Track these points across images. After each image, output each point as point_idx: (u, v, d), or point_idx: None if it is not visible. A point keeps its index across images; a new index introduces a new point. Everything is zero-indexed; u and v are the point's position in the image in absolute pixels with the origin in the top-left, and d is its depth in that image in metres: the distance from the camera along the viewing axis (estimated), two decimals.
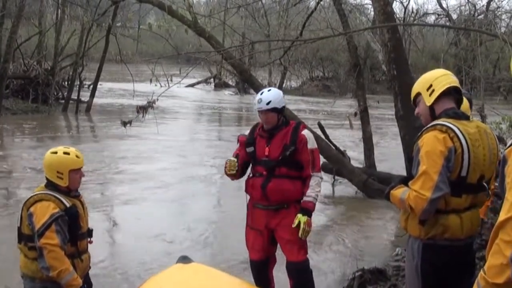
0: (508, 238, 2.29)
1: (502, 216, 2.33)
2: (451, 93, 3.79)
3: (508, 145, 2.46)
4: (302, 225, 5.15)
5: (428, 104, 3.81)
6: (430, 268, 3.70)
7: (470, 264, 3.89)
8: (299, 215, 5.18)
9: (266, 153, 5.30)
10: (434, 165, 3.51)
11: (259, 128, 5.45)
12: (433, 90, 3.79)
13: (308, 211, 5.23)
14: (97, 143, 17.00)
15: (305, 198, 5.27)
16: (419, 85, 3.91)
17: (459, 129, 3.58)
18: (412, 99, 3.99)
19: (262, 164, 5.32)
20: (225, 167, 5.44)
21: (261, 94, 5.35)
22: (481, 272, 2.44)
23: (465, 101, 4.36)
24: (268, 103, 5.24)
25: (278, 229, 5.35)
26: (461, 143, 3.55)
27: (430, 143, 3.56)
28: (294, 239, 5.28)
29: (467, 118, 3.77)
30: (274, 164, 5.27)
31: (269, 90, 5.42)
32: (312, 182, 5.29)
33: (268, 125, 5.34)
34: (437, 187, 3.50)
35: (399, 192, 3.72)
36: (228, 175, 5.50)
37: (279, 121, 5.36)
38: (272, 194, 5.26)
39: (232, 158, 5.43)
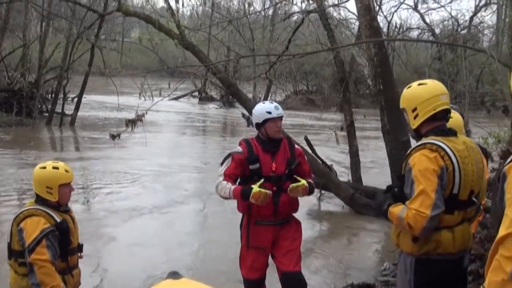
0: (508, 253, 2.30)
1: (502, 231, 2.34)
2: (437, 116, 3.75)
3: (507, 161, 2.48)
4: (300, 183, 5.16)
5: (413, 127, 3.82)
6: (423, 283, 3.71)
7: (462, 277, 3.91)
8: (303, 181, 5.19)
9: (273, 169, 5.27)
10: (430, 184, 3.52)
11: (256, 143, 5.38)
12: (417, 114, 3.76)
13: (311, 185, 5.28)
14: (82, 156, 16.88)
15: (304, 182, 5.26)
16: (405, 101, 3.87)
17: (449, 147, 3.60)
18: (400, 106, 3.96)
19: (270, 181, 5.24)
20: (257, 197, 5.00)
21: (271, 103, 5.47)
22: None
23: (458, 116, 4.37)
24: (282, 110, 5.36)
25: (279, 241, 5.35)
26: (452, 161, 3.57)
27: (422, 162, 3.57)
28: (294, 249, 5.33)
29: (454, 134, 3.77)
30: (282, 179, 5.28)
31: (271, 102, 5.52)
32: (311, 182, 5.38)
33: (279, 134, 5.35)
34: (435, 205, 3.52)
35: (397, 210, 3.71)
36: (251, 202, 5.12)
37: None
38: (284, 209, 5.30)
39: (265, 191, 5.03)
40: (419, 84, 3.86)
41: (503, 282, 2.31)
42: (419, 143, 3.68)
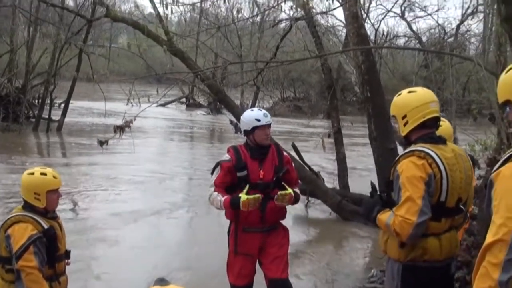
0: (495, 260, 2.31)
1: (489, 238, 2.36)
2: (426, 123, 3.77)
3: (494, 168, 2.50)
4: (287, 192, 5.16)
5: (403, 134, 3.84)
6: None
7: (449, 285, 3.92)
8: (291, 190, 5.21)
9: (261, 176, 5.27)
10: (417, 191, 3.54)
11: (244, 150, 5.38)
12: (407, 122, 3.78)
13: (297, 196, 5.30)
14: (69, 162, 16.82)
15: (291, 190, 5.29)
16: (395, 109, 3.89)
17: (437, 154, 3.61)
18: (390, 114, 3.98)
19: (257, 188, 5.23)
20: (246, 205, 5.04)
21: (260, 110, 5.41)
22: None
23: (448, 124, 4.40)
24: (270, 118, 5.34)
25: (266, 248, 5.36)
26: (439, 169, 3.58)
27: (410, 169, 3.58)
28: (282, 255, 5.34)
29: (443, 141, 3.79)
30: (270, 186, 5.27)
31: (259, 109, 5.47)
32: (297, 191, 5.39)
33: (268, 141, 5.34)
34: (421, 211, 3.53)
35: (384, 217, 3.72)
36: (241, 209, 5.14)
37: None
38: (272, 216, 5.29)
39: (253, 196, 5.07)
40: (409, 92, 3.88)
41: None
42: (408, 150, 3.70)
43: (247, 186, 5.14)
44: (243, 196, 5.04)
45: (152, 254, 8.49)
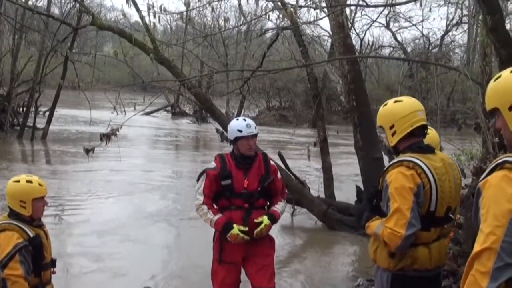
0: (484, 269, 2.31)
1: (477, 247, 2.36)
2: (414, 132, 3.77)
3: (482, 177, 2.51)
4: (263, 225, 5.16)
5: (391, 144, 3.82)
6: None
7: None
8: (265, 217, 5.20)
9: (245, 185, 5.25)
10: (405, 202, 3.53)
11: (229, 159, 5.38)
12: (395, 131, 3.77)
13: (274, 218, 5.27)
14: (54, 170, 16.71)
15: (273, 207, 5.31)
16: (382, 119, 3.88)
17: (426, 164, 3.60)
18: (377, 125, 3.97)
19: (241, 197, 5.24)
20: (234, 238, 5.13)
21: (244, 120, 5.36)
22: None
23: (435, 133, 4.41)
24: (255, 128, 5.31)
25: (252, 257, 5.34)
26: (428, 179, 3.57)
27: (398, 180, 3.57)
28: (268, 265, 5.33)
29: (432, 151, 3.78)
30: (254, 196, 5.26)
31: (244, 119, 5.42)
32: (280, 203, 5.39)
33: (251, 151, 5.31)
34: (410, 224, 3.52)
35: (374, 225, 3.73)
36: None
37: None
38: (255, 226, 5.23)
39: (242, 235, 5.13)
40: (395, 102, 3.87)
41: None
42: (396, 160, 3.68)
43: (246, 228, 5.16)
44: (235, 229, 5.11)
45: (137, 263, 8.46)
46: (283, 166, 11.24)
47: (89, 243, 9.52)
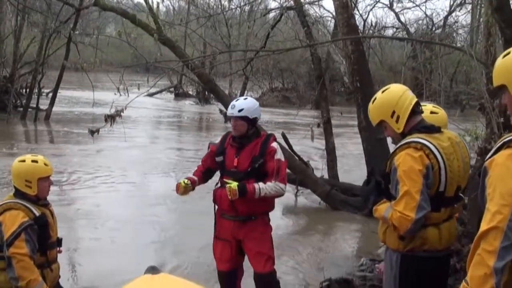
0: (491, 248, 2.32)
1: (483, 226, 2.36)
2: (414, 110, 3.75)
3: (488, 156, 2.50)
4: (227, 186, 5.13)
5: (399, 131, 3.76)
6: (409, 279, 3.71)
7: (448, 274, 3.93)
8: (235, 183, 5.12)
9: (235, 164, 5.27)
10: (414, 185, 3.50)
11: (230, 137, 5.43)
12: (398, 116, 3.73)
13: (245, 189, 5.10)
14: (57, 151, 16.73)
15: (255, 184, 5.14)
16: (380, 113, 3.83)
17: (434, 145, 3.57)
18: (374, 123, 3.92)
19: (230, 175, 5.26)
20: (177, 188, 5.42)
21: (236, 101, 5.36)
22: (463, 283, 2.45)
23: (443, 112, 4.37)
24: (240, 111, 5.23)
25: (246, 241, 5.36)
26: (437, 159, 3.54)
27: (407, 162, 3.53)
28: (262, 251, 5.34)
29: (438, 130, 3.74)
30: (242, 176, 5.21)
31: (245, 99, 5.45)
32: (269, 183, 5.18)
33: (236, 133, 5.31)
34: (420, 207, 3.50)
35: (382, 209, 3.72)
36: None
37: (249, 131, 5.30)
38: (241, 206, 5.22)
39: (185, 182, 5.40)
40: (383, 92, 3.85)
41: (486, 276, 2.32)
42: (404, 141, 3.64)
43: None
44: (182, 181, 5.41)
45: (143, 242, 8.48)
46: (286, 147, 11.25)
47: (94, 222, 9.55)
